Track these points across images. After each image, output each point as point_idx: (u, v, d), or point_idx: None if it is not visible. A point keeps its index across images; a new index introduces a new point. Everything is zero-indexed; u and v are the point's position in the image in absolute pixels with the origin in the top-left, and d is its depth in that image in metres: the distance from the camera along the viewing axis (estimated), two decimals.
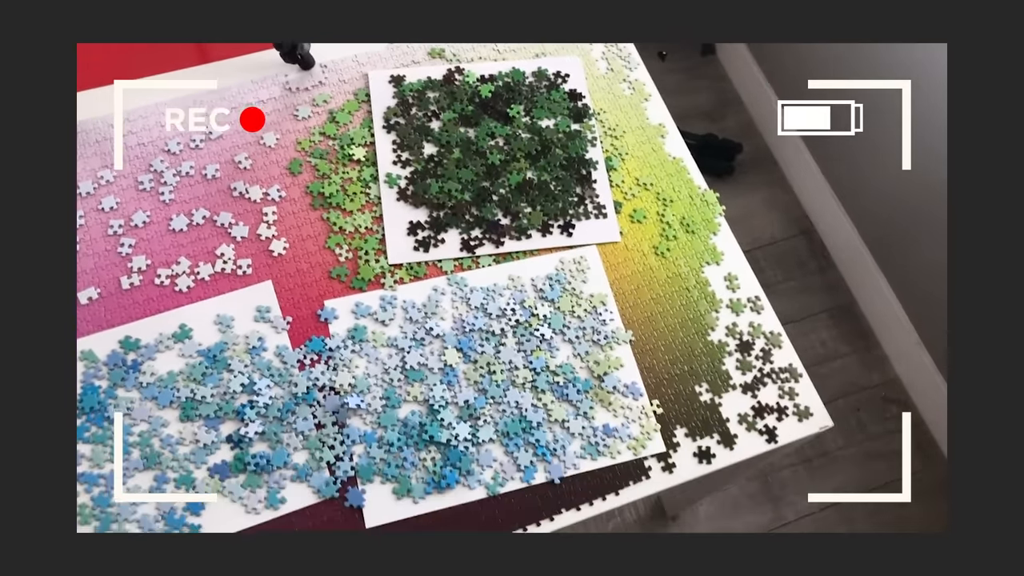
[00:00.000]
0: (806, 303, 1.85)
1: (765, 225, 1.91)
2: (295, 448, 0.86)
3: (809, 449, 1.66)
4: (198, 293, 0.93)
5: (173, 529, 0.82)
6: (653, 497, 1.58)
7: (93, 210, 0.97)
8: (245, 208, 0.98)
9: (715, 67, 2.20)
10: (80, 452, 0.84)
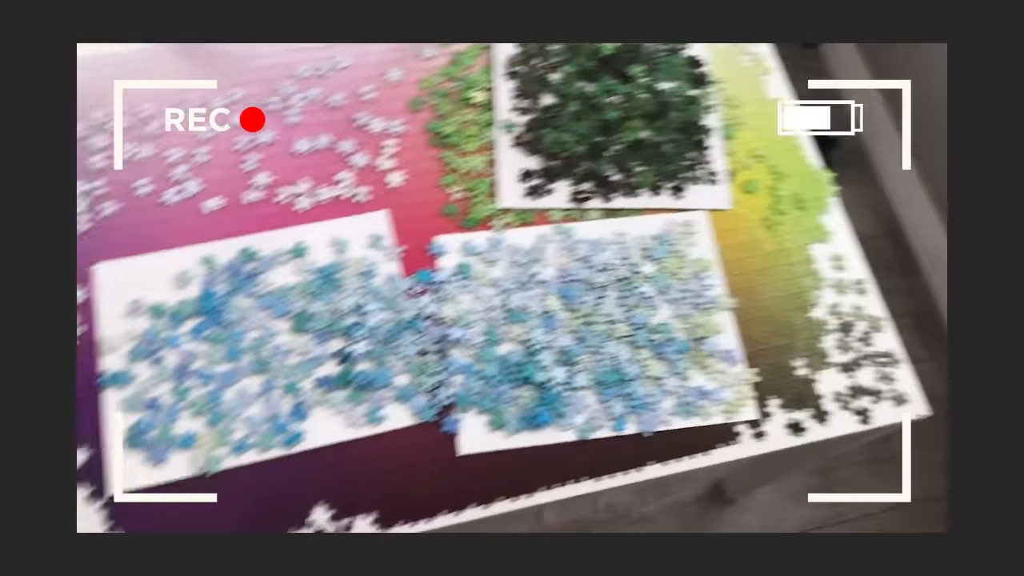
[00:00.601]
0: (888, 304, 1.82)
1: (853, 222, 1.88)
2: (398, 371, 0.89)
3: (879, 449, 1.64)
4: (316, 214, 0.96)
5: (279, 433, 0.85)
6: (714, 477, 1.59)
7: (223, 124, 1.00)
8: (366, 139, 1.01)
9: (816, 61, 2.17)
10: (195, 351, 0.88)
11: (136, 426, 0.85)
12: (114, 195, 0.95)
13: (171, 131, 1.00)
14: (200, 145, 0.99)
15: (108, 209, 0.94)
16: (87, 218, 0.94)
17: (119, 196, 0.95)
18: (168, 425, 0.85)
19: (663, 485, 1.59)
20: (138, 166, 0.97)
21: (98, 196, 0.95)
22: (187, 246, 0.93)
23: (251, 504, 0.82)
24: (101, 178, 0.96)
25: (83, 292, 0.90)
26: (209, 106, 1.00)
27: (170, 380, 0.87)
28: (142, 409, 0.85)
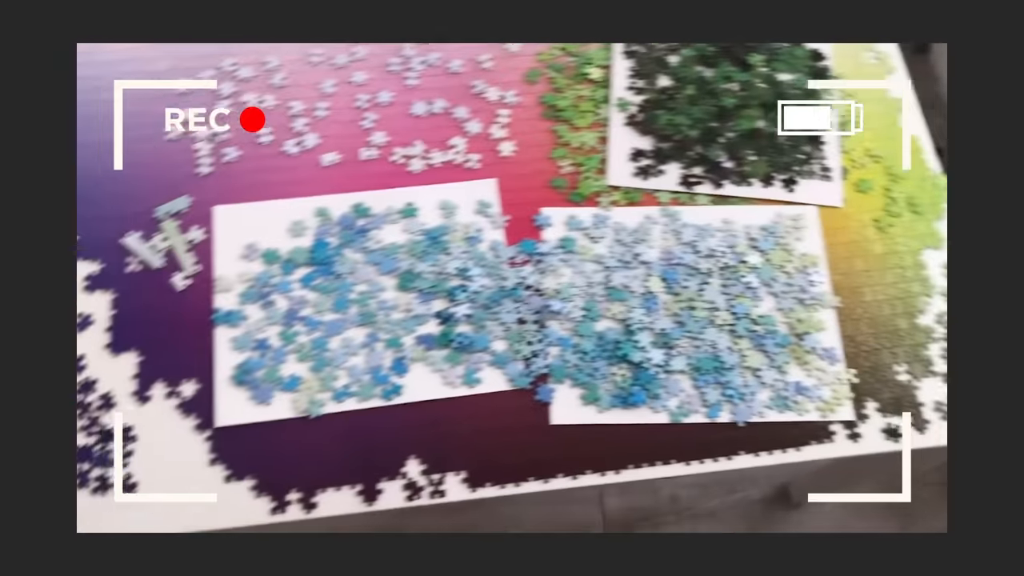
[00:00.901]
0: None
1: None
2: (496, 336, 0.90)
3: None
4: (427, 177, 0.98)
5: (379, 385, 0.87)
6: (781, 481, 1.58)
7: (343, 82, 1.03)
8: (481, 106, 1.02)
9: (926, 67, 2.10)
10: (304, 299, 0.91)
11: (244, 365, 0.88)
12: (237, 142, 0.99)
13: (292, 84, 1.02)
14: (321, 99, 1.01)
15: (230, 155, 0.98)
16: (210, 162, 0.97)
17: (242, 143, 0.99)
18: (274, 367, 0.88)
19: (730, 482, 1.58)
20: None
21: (222, 141, 0.99)
22: (303, 197, 0.96)
23: (350, 449, 0.85)
24: (224, 124, 1.00)
25: (202, 232, 0.94)
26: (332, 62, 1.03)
27: (279, 324, 0.90)
28: (251, 349, 0.89)
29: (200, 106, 1.00)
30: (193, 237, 0.93)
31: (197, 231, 0.94)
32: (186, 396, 0.87)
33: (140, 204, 0.95)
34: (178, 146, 0.98)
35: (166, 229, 0.93)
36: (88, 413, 0.85)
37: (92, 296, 0.90)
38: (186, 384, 0.87)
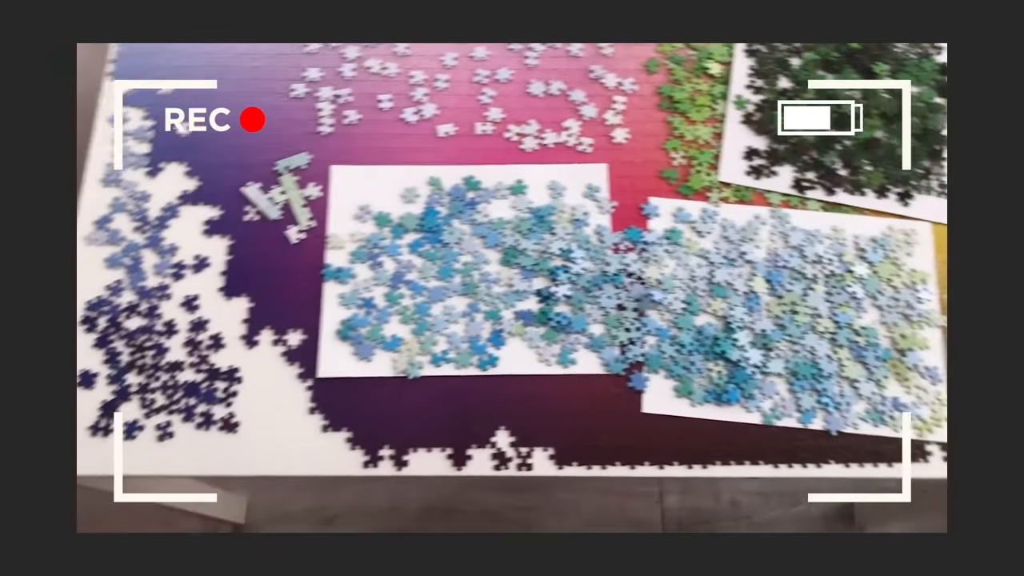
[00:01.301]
0: None
1: None
2: (594, 320, 0.91)
3: None
4: (539, 156, 0.99)
5: (476, 354, 0.89)
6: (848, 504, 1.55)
7: (464, 56, 1.04)
8: (598, 91, 1.03)
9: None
10: (411, 263, 0.93)
11: (349, 321, 0.91)
12: (358, 105, 1.01)
13: (415, 54, 1.04)
14: (442, 71, 1.03)
15: (351, 117, 1.00)
16: (331, 122, 1.00)
17: (362, 107, 1.01)
18: (378, 326, 0.90)
19: (794, 493, 1.56)
20: (384, 82, 1.03)
21: (343, 104, 1.01)
22: (417, 165, 0.98)
23: (443, 413, 0.87)
24: (347, 87, 1.02)
25: (318, 189, 0.97)
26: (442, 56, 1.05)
27: (385, 285, 0.92)
28: (356, 306, 0.91)
29: (328, 70, 1.03)
30: (310, 193, 0.96)
31: (314, 188, 0.97)
32: (292, 345, 0.90)
33: (262, 156, 0.98)
34: (303, 104, 1.01)
35: (285, 183, 0.97)
36: (198, 351, 0.89)
37: (210, 240, 0.94)
38: (292, 334, 0.90)
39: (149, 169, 0.97)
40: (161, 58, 1.03)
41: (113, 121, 0.99)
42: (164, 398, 0.87)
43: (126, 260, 0.93)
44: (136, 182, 0.96)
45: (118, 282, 0.92)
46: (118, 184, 0.96)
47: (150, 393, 0.87)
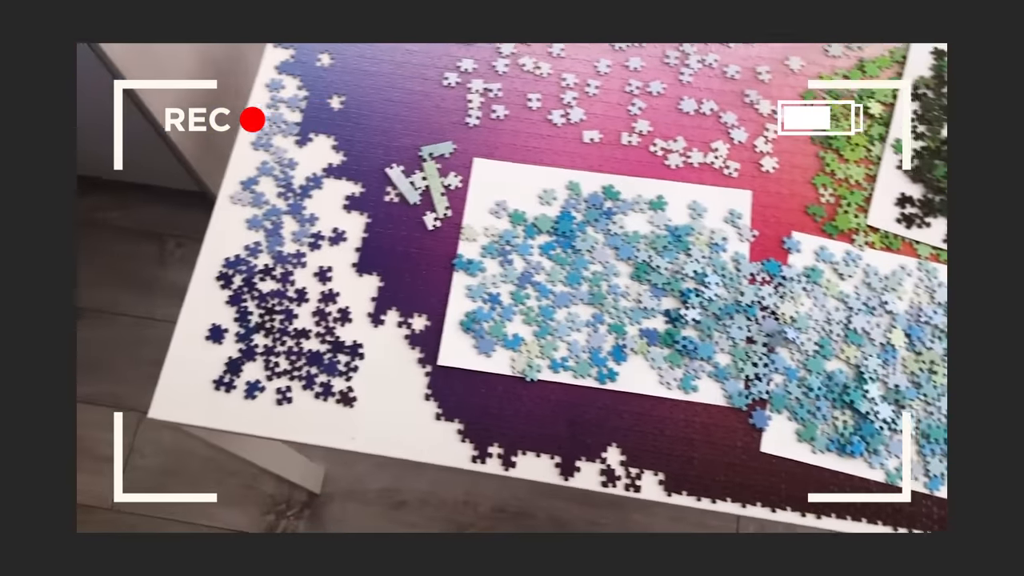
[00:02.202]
0: None
1: None
2: (721, 349, 0.89)
3: None
4: (683, 174, 0.97)
5: (595, 366, 0.88)
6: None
7: (619, 64, 1.03)
8: (750, 117, 1.00)
9: None
10: (540, 265, 0.93)
11: (474, 314, 0.91)
12: (507, 101, 1.01)
13: (569, 56, 1.04)
14: (594, 77, 1.02)
15: (499, 112, 1.01)
16: (478, 115, 1.00)
17: (511, 103, 1.01)
18: (501, 323, 0.90)
19: None
20: (535, 81, 1.02)
21: (493, 98, 1.01)
22: (558, 167, 0.98)
23: (556, 421, 0.86)
24: (498, 82, 1.02)
25: (459, 180, 0.97)
26: (612, 43, 1.04)
27: (512, 283, 0.92)
28: (482, 300, 0.91)
29: (482, 62, 1.03)
30: (450, 182, 0.97)
31: (454, 178, 0.97)
32: (415, 329, 0.90)
33: (408, 140, 0.99)
34: (453, 93, 1.02)
35: (427, 169, 0.97)
36: (326, 322, 0.91)
37: (349, 216, 0.96)
38: (417, 318, 0.91)
39: (298, 138, 0.99)
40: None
41: (269, 86, 1.02)
42: (287, 363, 0.89)
43: (267, 223, 0.95)
44: (285, 149, 0.99)
45: (257, 244, 0.94)
46: (268, 149, 0.99)
47: (274, 356, 0.89)
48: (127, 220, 1.73)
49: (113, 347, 1.63)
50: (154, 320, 1.65)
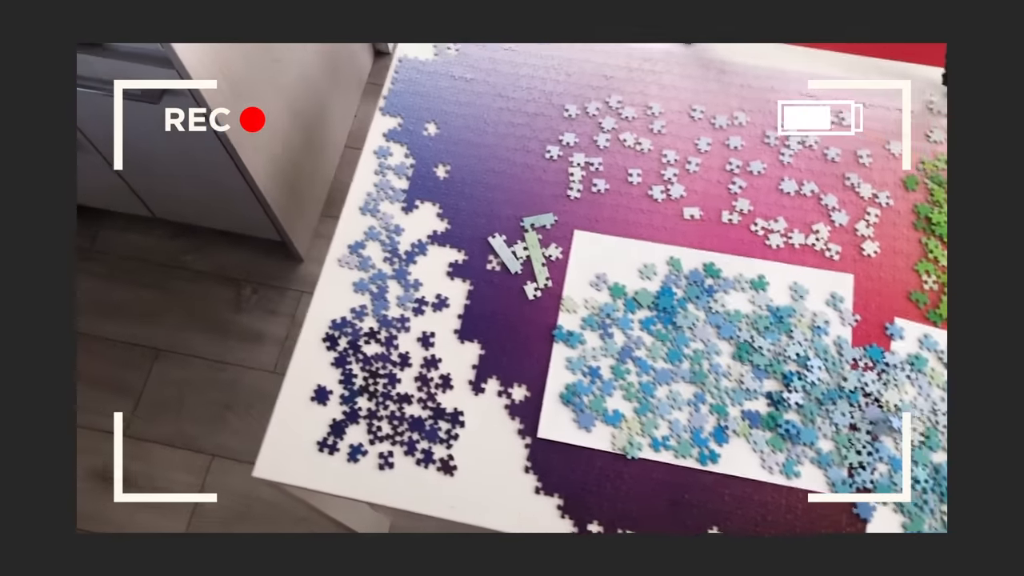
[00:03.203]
0: None
1: None
2: (824, 435, 0.88)
3: None
4: (784, 255, 0.98)
5: (697, 447, 0.88)
6: None
7: (719, 143, 1.05)
8: (851, 200, 1.01)
9: None
10: (641, 340, 0.93)
11: (574, 387, 0.91)
12: (608, 175, 1.03)
13: (670, 134, 1.05)
14: (695, 154, 1.04)
15: (599, 186, 1.02)
16: (579, 188, 1.02)
17: (613, 178, 1.03)
18: (601, 397, 0.91)
19: None
20: (636, 156, 1.04)
21: (594, 172, 1.03)
22: (659, 243, 0.99)
23: (657, 500, 0.86)
24: (600, 157, 1.04)
25: (559, 251, 0.98)
26: (712, 121, 1.05)
27: (612, 357, 0.93)
28: (582, 373, 0.92)
29: (584, 137, 1.05)
30: (551, 253, 0.98)
31: (555, 249, 0.99)
32: (515, 399, 0.91)
33: (511, 210, 1.01)
34: (555, 166, 1.04)
35: (528, 240, 0.99)
36: (428, 388, 0.92)
37: (452, 282, 0.97)
38: (517, 388, 0.92)
39: (405, 205, 1.02)
40: (427, 100, 1.08)
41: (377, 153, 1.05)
42: (390, 428, 0.90)
43: (372, 287, 0.97)
44: (392, 215, 1.01)
45: (362, 307, 0.96)
46: (375, 214, 1.01)
47: (377, 420, 0.90)
48: (206, 264, 1.77)
49: (185, 388, 1.66)
50: (225, 364, 1.68)
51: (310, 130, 1.59)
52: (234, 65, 1.17)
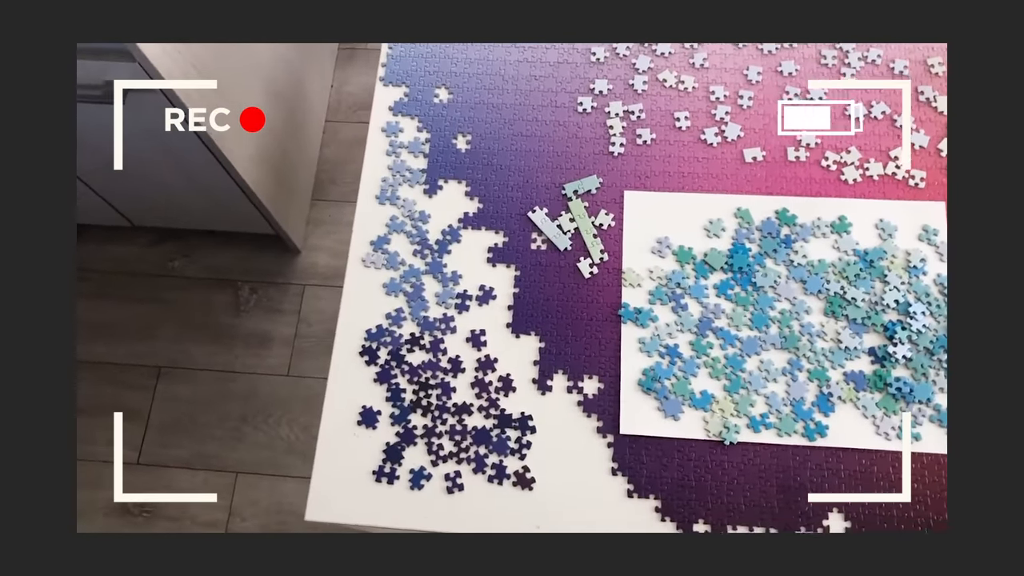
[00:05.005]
0: None
1: None
2: (941, 388, 0.78)
3: None
4: (863, 189, 0.87)
5: (801, 421, 0.78)
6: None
7: (771, 70, 0.92)
8: (928, 117, 0.89)
9: None
10: (719, 308, 0.82)
11: (652, 371, 0.80)
12: (652, 123, 0.91)
13: (714, 66, 0.93)
14: (746, 87, 0.91)
15: (645, 136, 0.90)
16: (622, 142, 0.90)
17: (658, 125, 0.90)
18: (684, 379, 0.80)
19: None
20: (680, 97, 0.92)
21: (636, 121, 0.91)
22: (721, 193, 0.87)
23: (767, 487, 0.76)
24: (639, 102, 0.92)
25: (610, 218, 0.86)
26: (759, 47, 0.93)
27: (691, 332, 0.82)
28: (659, 355, 0.81)
29: (618, 82, 0.92)
30: (601, 222, 0.86)
31: (605, 216, 0.87)
32: (588, 394, 0.80)
33: (548, 177, 0.89)
34: (591, 119, 0.91)
35: (573, 209, 0.87)
36: (487, 394, 0.81)
37: (495, 269, 0.86)
38: (588, 381, 0.81)
39: (426, 187, 0.89)
40: (432, 63, 0.95)
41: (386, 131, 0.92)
42: (452, 445, 0.79)
43: (406, 286, 0.85)
44: (414, 200, 0.89)
45: (399, 311, 0.84)
46: (394, 202, 0.89)
47: (437, 438, 0.79)
48: (197, 268, 1.64)
49: (195, 405, 1.54)
50: (234, 373, 1.56)
51: (290, 110, 1.44)
52: (203, 56, 1.02)
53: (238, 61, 1.17)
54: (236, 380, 1.55)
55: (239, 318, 1.61)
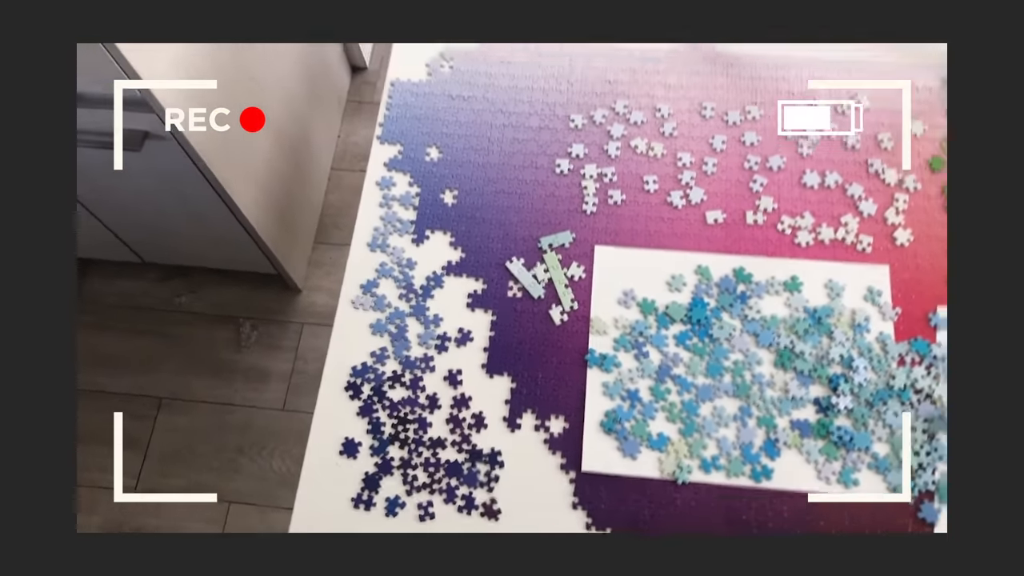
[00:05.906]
0: None
1: None
2: (879, 438, 0.84)
3: None
4: (814, 252, 0.94)
5: (748, 463, 0.84)
6: None
7: (734, 140, 1.00)
8: (877, 187, 0.97)
9: None
10: (678, 356, 0.89)
11: (614, 413, 0.87)
12: (623, 185, 0.99)
13: (682, 135, 1.01)
14: (710, 154, 1.00)
15: (616, 197, 0.98)
16: (595, 201, 0.98)
17: (628, 187, 0.99)
18: (643, 421, 0.87)
19: None
20: (649, 162, 1.00)
21: (608, 183, 0.99)
22: (684, 251, 0.95)
23: (715, 524, 0.82)
24: (612, 166, 1.00)
25: (582, 270, 0.94)
26: (725, 119, 1.01)
27: (650, 378, 0.89)
28: (621, 398, 0.88)
29: (593, 147, 1.01)
30: (573, 273, 0.94)
31: (577, 268, 0.94)
32: (554, 432, 0.87)
33: (526, 231, 0.97)
34: (567, 180, 0.99)
35: (548, 261, 0.95)
36: (461, 429, 0.87)
37: (473, 314, 0.93)
38: (555, 420, 0.87)
39: (415, 236, 0.97)
40: (425, 124, 1.04)
41: (380, 184, 1.00)
42: (426, 476, 0.86)
43: (391, 327, 0.92)
44: (402, 248, 0.96)
45: (383, 349, 0.91)
46: (385, 250, 0.96)
47: (412, 469, 0.86)
48: (202, 304, 1.71)
49: (193, 435, 1.60)
50: (232, 405, 1.63)
51: (296, 155, 1.53)
52: (210, 94, 1.11)
53: (242, 95, 1.25)
54: (234, 412, 1.62)
55: (240, 353, 1.68)
